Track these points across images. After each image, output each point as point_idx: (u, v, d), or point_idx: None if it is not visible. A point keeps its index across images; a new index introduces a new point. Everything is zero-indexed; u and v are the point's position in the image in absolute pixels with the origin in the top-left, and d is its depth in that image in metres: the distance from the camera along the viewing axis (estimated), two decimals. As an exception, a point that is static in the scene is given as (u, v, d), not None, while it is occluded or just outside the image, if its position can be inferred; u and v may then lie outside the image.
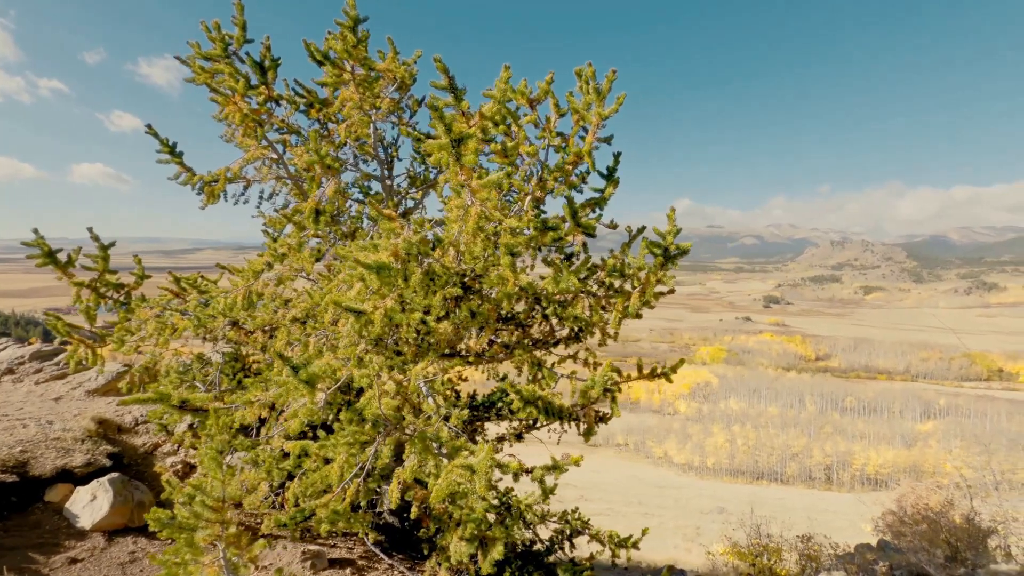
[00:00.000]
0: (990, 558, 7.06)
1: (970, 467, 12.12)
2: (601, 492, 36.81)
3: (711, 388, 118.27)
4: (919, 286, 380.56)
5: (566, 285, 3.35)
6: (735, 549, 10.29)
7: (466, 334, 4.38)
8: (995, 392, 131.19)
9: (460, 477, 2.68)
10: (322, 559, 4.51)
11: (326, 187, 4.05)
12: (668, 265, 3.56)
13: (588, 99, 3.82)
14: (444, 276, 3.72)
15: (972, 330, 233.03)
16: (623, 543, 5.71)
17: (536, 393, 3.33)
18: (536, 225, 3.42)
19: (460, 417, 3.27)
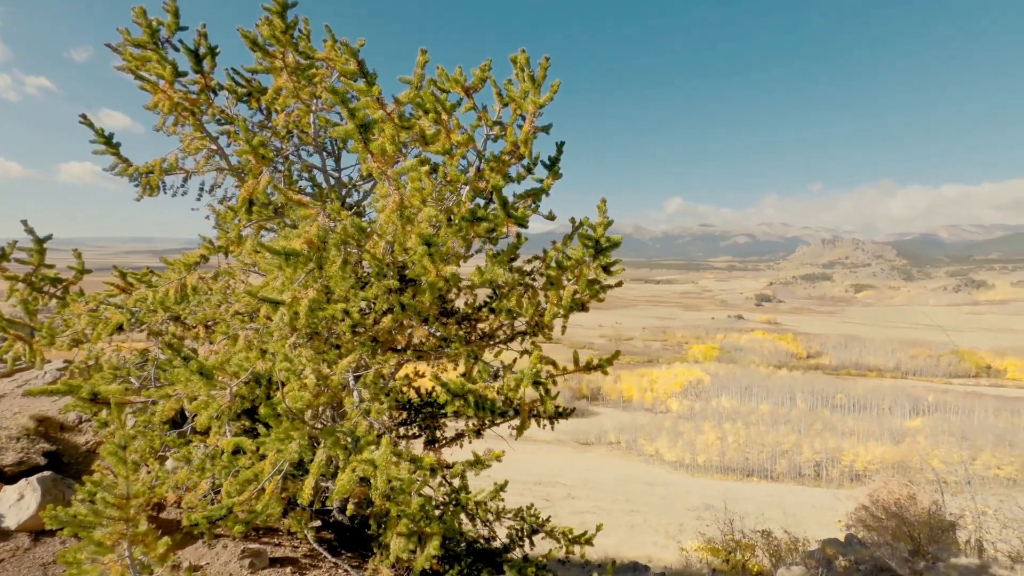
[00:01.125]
0: (951, 551, 7.07)
1: (944, 462, 12.17)
2: (589, 490, 36.84)
3: (703, 386, 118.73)
4: (909, 284, 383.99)
5: (490, 276, 3.28)
6: (709, 545, 10.28)
7: (409, 329, 4.31)
8: (983, 388, 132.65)
9: (362, 472, 2.60)
10: (262, 558, 4.42)
11: (261, 177, 3.95)
12: (600, 257, 3.49)
13: (524, 87, 3.75)
14: (377, 267, 3.64)
15: (961, 327, 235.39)
16: (577, 539, 5.65)
17: (465, 387, 3.26)
18: (465, 215, 3.35)
19: (381, 412, 3.19)
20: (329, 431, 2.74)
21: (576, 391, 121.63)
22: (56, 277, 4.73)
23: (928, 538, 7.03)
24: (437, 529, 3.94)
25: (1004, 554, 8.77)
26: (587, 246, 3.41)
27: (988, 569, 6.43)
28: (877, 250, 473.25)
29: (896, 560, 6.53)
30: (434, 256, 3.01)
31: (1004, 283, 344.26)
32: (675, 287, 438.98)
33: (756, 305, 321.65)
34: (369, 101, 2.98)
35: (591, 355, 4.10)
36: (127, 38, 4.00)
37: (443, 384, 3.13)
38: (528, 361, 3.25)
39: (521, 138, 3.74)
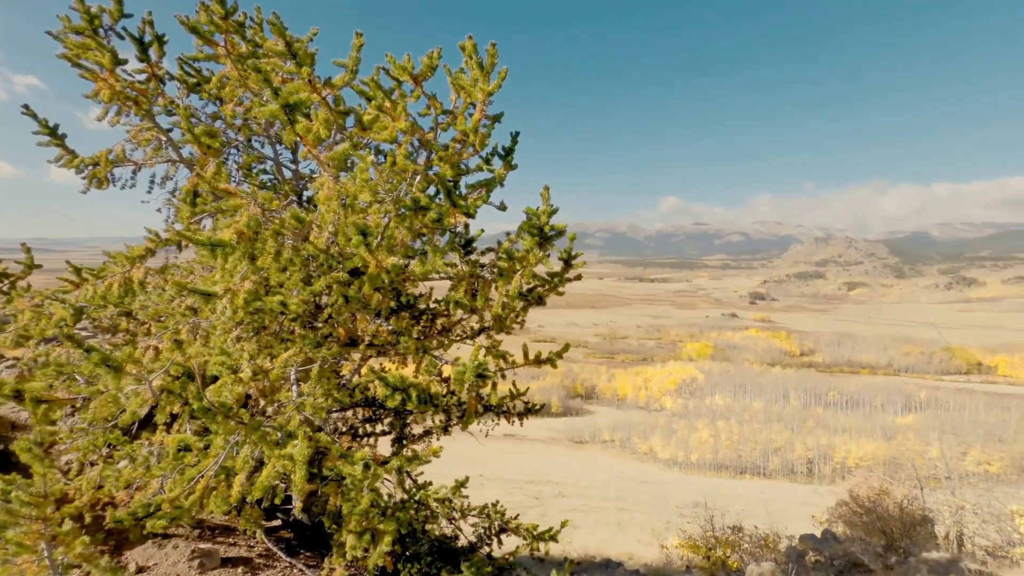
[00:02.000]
0: (924, 545, 7.05)
1: (926, 458, 12.20)
2: (581, 488, 36.84)
3: (697, 384, 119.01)
4: (901, 282, 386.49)
5: (431, 267, 3.20)
6: (689, 543, 10.24)
7: (363, 323, 4.22)
8: (974, 385, 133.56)
9: (282, 467, 2.52)
10: (213, 558, 4.33)
11: (208, 168, 3.85)
12: (546, 245, 3.42)
13: (474, 75, 3.67)
14: (322, 259, 3.55)
15: (952, 324, 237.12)
16: (541, 536, 5.57)
17: (407, 381, 3.18)
18: (407, 205, 3.26)
19: (317, 406, 3.10)
20: (255, 425, 2.65)
21: (571, 390, 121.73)
22: (3, 272, 4.62)
23: (901, 532, 7.00)
24: (390, 527, 3.86)
25: (981, 548, 8.78)
26: (532, 234, 3.33)
27: (959, 562, 6.41)
28: (869, 248, 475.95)
29: (868, 555, 6.50)
30: (371, 246, 2.92)
31: (995, 280, 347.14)
32: (669, 286, 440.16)
33: (750, 303, 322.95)
34: (300, 84, 2.88)
35: (539, 350, 4.02)
36: (67, 25, 3.89)
37: (380, 378, 3.05)
38: (470, 352, 3.16)
39: (470, 127, 3.66)
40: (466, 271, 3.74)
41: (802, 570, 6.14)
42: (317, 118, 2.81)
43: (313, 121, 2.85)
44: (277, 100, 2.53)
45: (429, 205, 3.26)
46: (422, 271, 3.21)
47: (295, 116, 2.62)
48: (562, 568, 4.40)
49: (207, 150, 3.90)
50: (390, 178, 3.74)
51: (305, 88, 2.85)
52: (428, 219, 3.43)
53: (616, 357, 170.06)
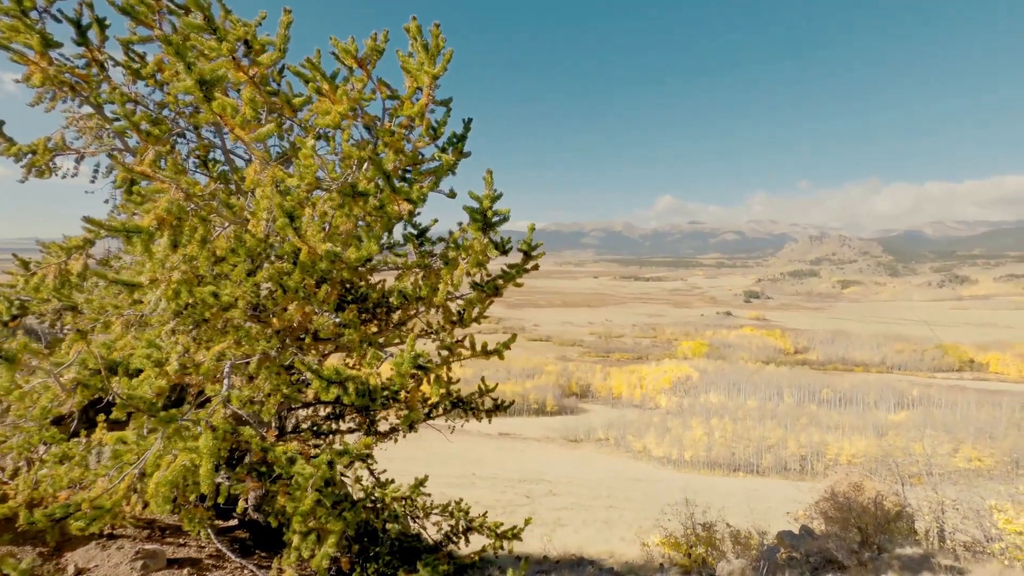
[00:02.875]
0: (898, 541, 6.99)
1: (908, 454, 12.17)
2: (573, 486, 36.79)
3: (692, 382, 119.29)
4: (894, 280, 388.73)
5: (366, 253, 3.07)
6: (670, 540, 10.15)
7: (312, 315, 4.09)
8: (966, 382, 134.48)
9: (190, 461, 2.40)
10: (158, 559, 4.19)
11: (146, 156, 3.71)
12: (490, 231, 3.30)
13: (420, 58, 3.54)
14: (260, 248, 3.42)
15: (945, 322, 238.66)
16: (504, 534, 5.46)
17: (344, 373, 3.05)
18: (344, 190, 3.14)
19: (242, 399, 2.98)
20: (165, 419, 2.53)
21: (566, 389, 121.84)
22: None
23: (875, 528, 6.94)
24: (336, 527, 3.74)
25: (960, 544, 8.74)
26: (475, 219, 3.22)
27: (932, 558, 6.35)
28: (863, 246, 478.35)
29: (843, 551, 6.43)
30: (301, 231, 2.79)
31: (987, 278, 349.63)
32: (665, 284, 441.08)
33: (745, 302, 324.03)
34: (225, 62, 2.75)
35: (485, 340, 3.90)
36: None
37: (313, 371, 2.92)
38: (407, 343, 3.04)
39: (415, 111, 3.53)
40: (412, 261, 3.61)
41: (775, 567, 6.06)
42: (243, 98, 2.68)
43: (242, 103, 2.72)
44: (191, 75, 2.40)
45: (368, 191, 3.14)
46: (356, 257, 3.08)
47: (212, 93, 2.49)
48: (518, 566, 4.30)
49: (147, 137, 3.76)
50: (336, 165, 3.61)
51: (229, 65, 2.72)
52: (370, 206, 3.30)
53: (611, 356, 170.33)
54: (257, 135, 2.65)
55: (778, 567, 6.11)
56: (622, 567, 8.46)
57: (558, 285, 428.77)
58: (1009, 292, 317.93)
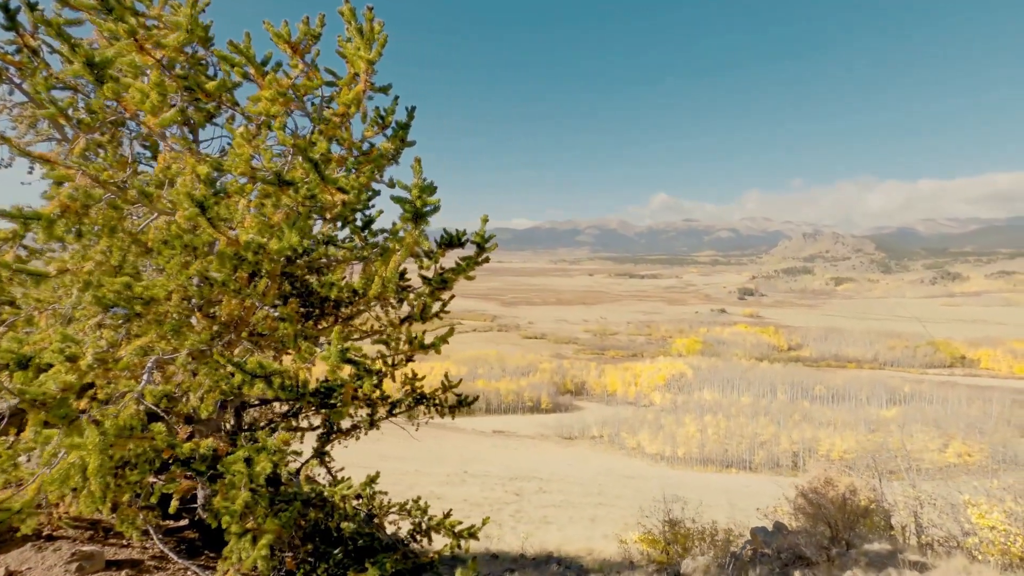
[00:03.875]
0: (867, 537, 6.95)
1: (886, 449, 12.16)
2: (564, 484, 36.77)
3: (686, 379, 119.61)
4: (887, 277, 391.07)
5: (289, 243, 2.96)
6: (648, 537, 10.09)
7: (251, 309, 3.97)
8: (957, 378, 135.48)
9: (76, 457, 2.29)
10: (96, 561, 4.08)
11: (75, 145, 3.58)
12: (420, 222, 3.20)
13: (356, 43, 3.43)
14: (187, 240, 3.30)
15: (937, 319, 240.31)
16: (462, 534, 5.35)
17: (268, 367, 2.94)
18: (270, 179, 3.02)
19: (156, 394, 2.86)
20: (60, 415, 2.41)
21: (560, 386, 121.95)
22: None
23: (844, 524, 6.89)
24: (272, 526, 3.64)
25: (935, 539, 8.72)
26: (405, 210, 3.11)
27: (899, 553, 6.31)
28: (856, 244, 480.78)
29: (811, 547, 6.38)
30: (214, 221, 2.68)
31: (978, 275, 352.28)
32: (660, 282, 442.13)
33: (739, 299, 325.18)
34: (127, 44, 2.63)
35: (422, 334, 3.79)
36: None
37: (234, 364, 2.81)
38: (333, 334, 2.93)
39: (350, 97, 3.42)
40: (350, 254, 3.50)
41: (742, 564, 6.00)
42: (150, 81, 2.56)
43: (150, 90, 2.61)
44: (76, 57, 2.28)
45: (294, 180, 3.03)
46: (278, 248, 2.97)
47: (104, 76, 2.37)
48: (475, 565, 4.20)
49: (77, 126, 3.63)
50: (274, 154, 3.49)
51: (131, 48, 2.60)
52: (301, 196, 3.19)
53: (606, 353, 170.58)
54: (161, 120, 2.54)
55: (745, 564, 6.05)
56: (598, 564, 8.39)
57: (553, 283, 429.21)
58: (1000, 289, 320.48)
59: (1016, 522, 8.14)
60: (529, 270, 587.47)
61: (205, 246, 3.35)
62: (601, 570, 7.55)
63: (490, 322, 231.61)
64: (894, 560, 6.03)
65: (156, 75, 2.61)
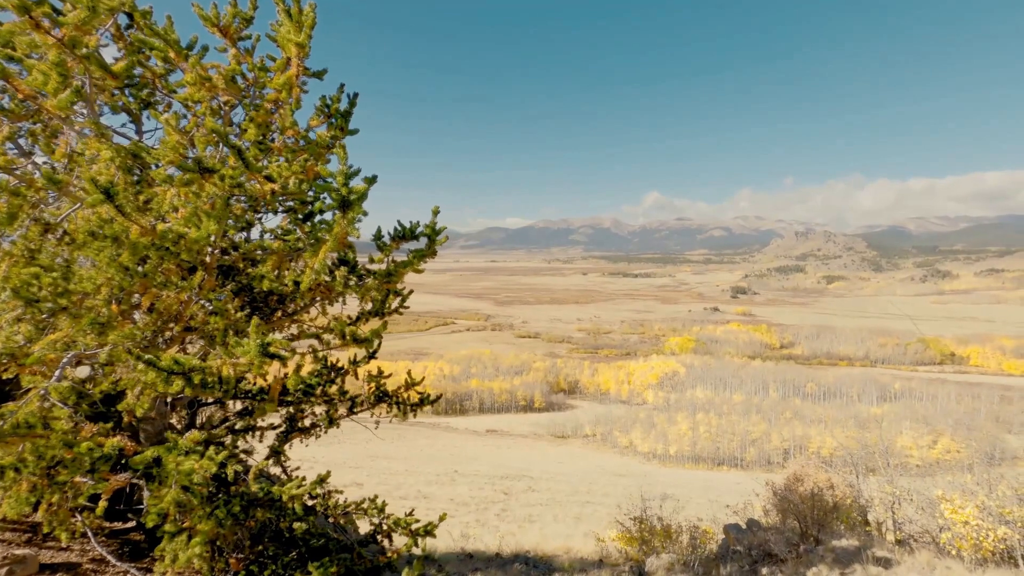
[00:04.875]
0: (836, 533, 6.90)
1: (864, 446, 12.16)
2: (554, 482, 36.73)
3: (679, 378, 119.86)
4: (878, 275, 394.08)
5: (205, 232, 2.84)
6: (625, 535, 10.03)
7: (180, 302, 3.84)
8: (947, 375, 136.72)
9: None
10: (29, 564, 3.93)
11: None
12: (349, 212, 3.08)
13: (285, 26, 3.31)
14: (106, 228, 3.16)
15: (927, 316, 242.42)
16: (418, 532, 5.24)
17: (186, 363, 2.82)
18: (189, 166, 2.90)
19: (62, 391, 2.74)
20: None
21: (554, 385, 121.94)
22: None
23: (813, 521, 6.85)
24: (206, 526, 3.52)
25: (912, 535, 8.70)
26: (333, 198, 3.00)
27: (867, 549, 6.25)
28: (848, 242, 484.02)
29: (781, 544, 6.32)
30: (124, 209, 2.55)
31: (968, 273, 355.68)
32: (653, 280, 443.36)
33: (732, 297, 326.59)
34: (25, 22, 2.50)
35: (352, 328, 3.68)
36: None
37: (146, 360, 2.69)
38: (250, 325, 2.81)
39: (281, 82, 3.29)
40: (280, 244, 3.38)
41: (707, 561, 5.92)
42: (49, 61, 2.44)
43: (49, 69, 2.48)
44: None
45: (215, 167, 2.90)
46: (196, 236, 2.85)
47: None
48: (420, 565, 4.10)
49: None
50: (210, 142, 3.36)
51: (28, 26, 2.47)
52: (226, 184, 3.06)
53: (600, 352, 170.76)
54: (58, 103, 2.41)
55: (711, 561, 5.98)
56: (568, 563, 8.30)
57: (547, 282, 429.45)
58: (989, 286, 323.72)
59: (990, 517, 8.14)
60: (523, 269, 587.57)
61: (131, 237, 3.22)
62: (569, 569, 7.47)
63: (484, 321, 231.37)
64: (859, 556, 5.98)
65: (55, 54, 2.48)
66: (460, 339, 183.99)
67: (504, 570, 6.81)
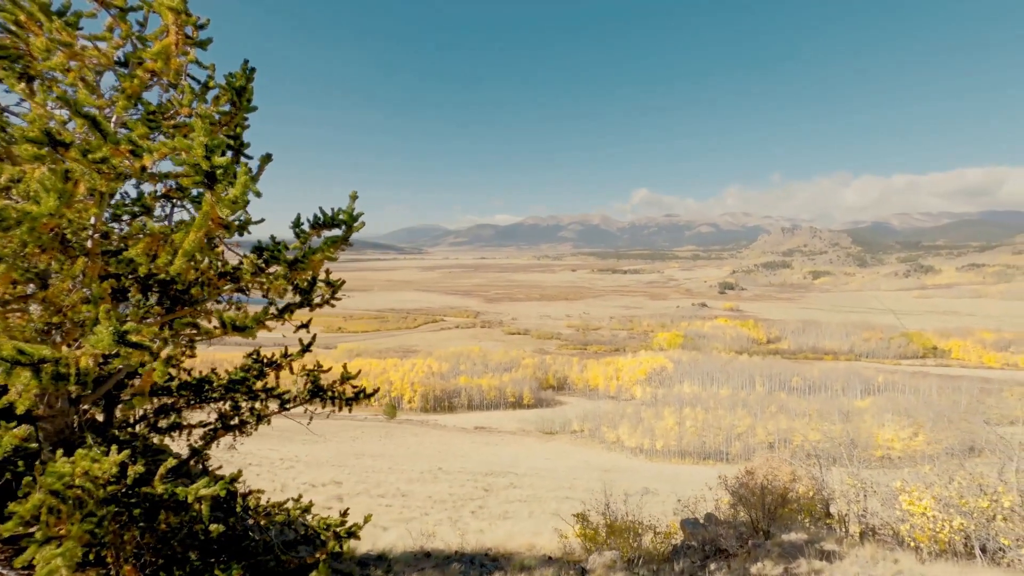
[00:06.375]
0: (787, 526, 6.80)
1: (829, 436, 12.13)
2: (537, 479, 36.65)
3: (667, 373, 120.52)
4: (863, 270, 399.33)
5: (45, 209, 2.59)
6: (586, 531, 9.87)
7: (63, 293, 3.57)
8: (929, 368, 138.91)
9: None
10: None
11: None
12: (218, 188, 2.84)
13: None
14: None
15: (910, 311, 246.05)
16: (341, 533, 5.02)
17: (35, 354, 2.58)
18: (35, 137, 2.64)
19: None
20: None
21: (543, 381, 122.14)
22: None
23: (764, 514, 6.73)
24: (77, 532, 3.27)
25: (874, 527, 8.64)
26: (196, 172, 2.75)
27: (815, 543, 6.15)
28: (833, 238, 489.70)
29: (731, 539, 6.19)
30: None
31: (950, 268, 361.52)
32: (642, 277, 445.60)
33: (719, 293, 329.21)
34: None
35: (232, 315, 3.44)
36: None
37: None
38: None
39: (156, 51, 3.04)
40: (164, 228, 3.14)
41: (651, 558, 5.77)
42: None
43: None
44: None
45: (68, 140, 2.65)
46: (38, 213, 2.59)
47: None
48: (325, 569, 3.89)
49: None
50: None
51: None
52: (91, 159, 2.81)
53: (589, 348, 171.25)
54: None
55: (658, 557, 5.83)
56: (520, 560, 8.13)
57: (536, 279, 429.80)
58: (971, 281, 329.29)
59: (948, 508, 8.09)
60: (512, 266, 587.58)
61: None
62: (516, 567, 7.30)
63: (473, 318, 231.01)
64: (803, 550, 5.86)
65: None
66: (449, 336, 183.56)
67: (441, 569, 6.61)
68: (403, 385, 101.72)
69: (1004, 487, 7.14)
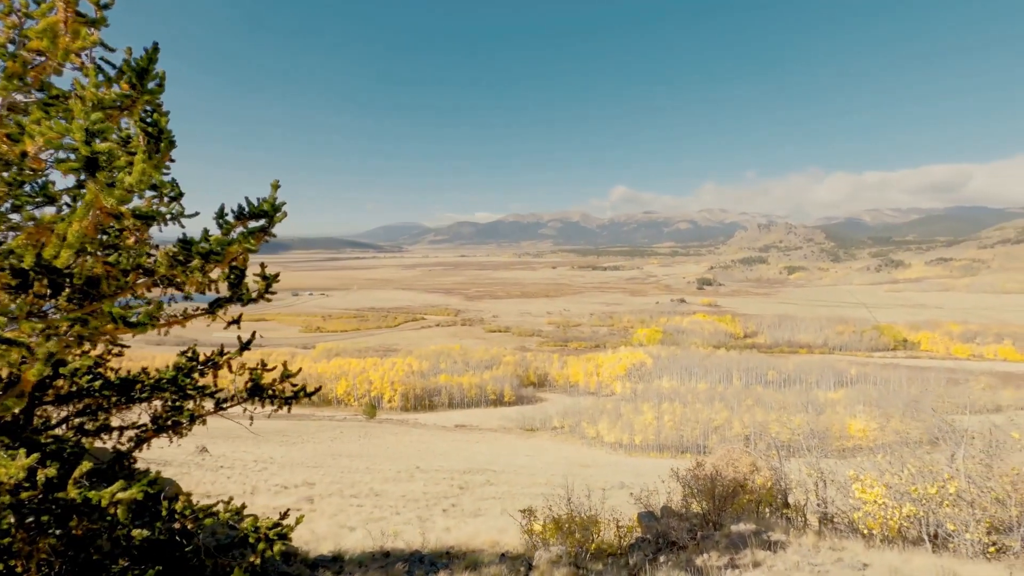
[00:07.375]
0: (737, 517, 6.84)
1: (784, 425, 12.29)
2: (514, 475, 36.62)
3: (646, 368, 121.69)
4: (836, 265, 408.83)
5: None
6: (549, 527, 9.82)
7: None
8: (899, 360, 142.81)
9: None
10: None
11: None
12: (100, 174, 2.67)
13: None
14: None
15: (881, 304, 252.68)
16: (271, 536, 4.85)
17: None
18: None
19: None
20: None
21: (524, 379, 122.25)
22: None
23: (715, 506, 6.76)
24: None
25: (830, 516, 8.77)
26: (76, 158, 2.58)
27: (761, 533, 6.19)
28: (808, 234, 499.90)
29: (681, 531, 6.20)
30: None
31: (919, 262, 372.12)
32: (622, 273, 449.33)
33: (698, 289, 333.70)
34: None
35: (134, 308, 3.27)
36: None
37: None
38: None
39: (41, 28, 2.85)
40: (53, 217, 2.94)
41: (599, 553, 5.74)
42: None
43: None
44: None
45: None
46: None
47: None
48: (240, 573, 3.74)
49: None
50: None
51: None
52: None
53: (569, 344, 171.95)
54: None
55: (604, 552, 5.79)
56: (475, 558, 8.05)
57: (517, 276, 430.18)
58: (939, 275, 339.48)
59: (900, 495, 8.23)
60: (493, 264, 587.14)
61: None
62: (467, 565, 7.21)
63: (454, 316, 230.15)
64: (747, 541, 5.88)
65: None
66: (430, 334, 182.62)
67: (386, 570, 6.49)
68: (383, 384, 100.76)
69: (949, 474, 7.28)
